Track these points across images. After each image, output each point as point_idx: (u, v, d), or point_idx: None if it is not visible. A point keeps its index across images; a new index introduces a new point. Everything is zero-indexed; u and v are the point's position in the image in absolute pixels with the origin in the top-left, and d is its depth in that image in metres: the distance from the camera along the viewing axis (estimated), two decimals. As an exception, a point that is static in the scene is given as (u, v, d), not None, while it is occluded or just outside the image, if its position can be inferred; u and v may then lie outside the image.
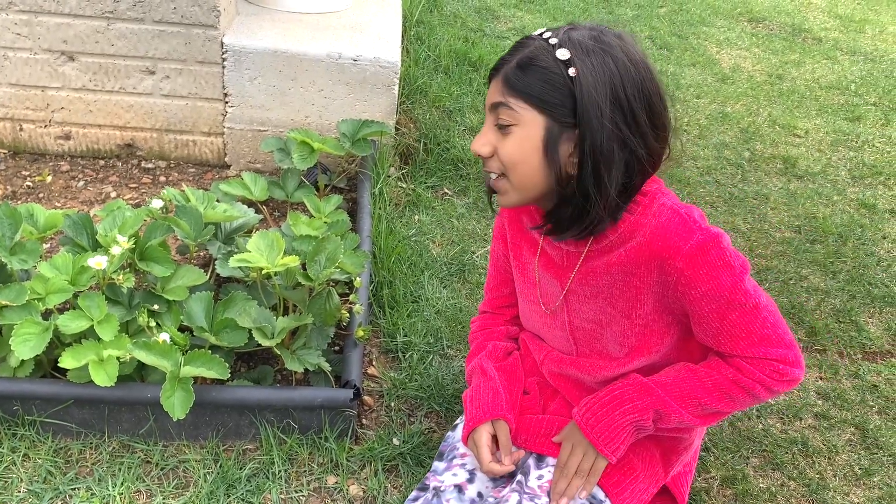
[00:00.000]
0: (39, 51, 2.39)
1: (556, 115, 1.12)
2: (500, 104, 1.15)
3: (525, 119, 1.14)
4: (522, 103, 1.14)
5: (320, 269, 1.73)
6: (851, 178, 3.23)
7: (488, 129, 1.19)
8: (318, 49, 2.45)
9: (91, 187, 2.45)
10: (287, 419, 1.66)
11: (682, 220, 1.17)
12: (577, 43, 1.12)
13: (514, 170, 1.17)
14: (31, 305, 1.60)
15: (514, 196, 1.20)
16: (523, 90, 1.13)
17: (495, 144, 1.18)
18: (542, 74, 1.12)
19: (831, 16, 5.36)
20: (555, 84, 1.11)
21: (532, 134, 1.14)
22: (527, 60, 1.13)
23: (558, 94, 1.12)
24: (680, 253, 1.16)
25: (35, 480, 1.55)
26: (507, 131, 1.16)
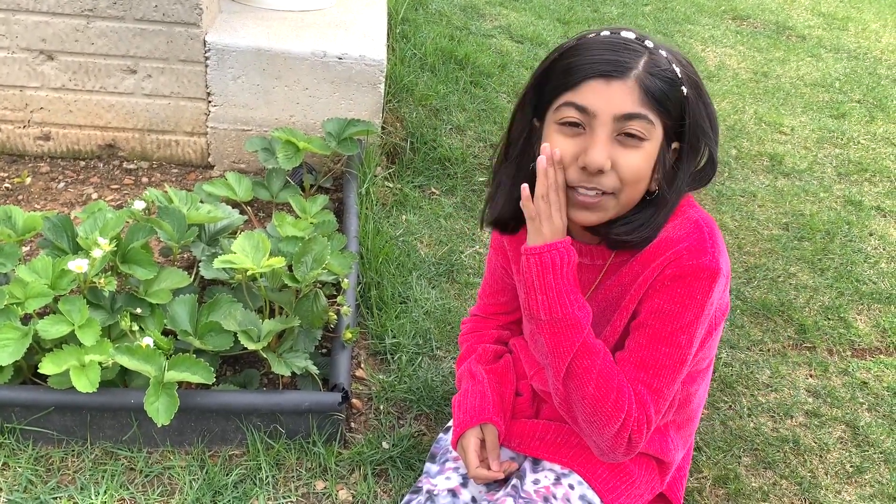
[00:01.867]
0: (17, 50, 2.34)
1: (670, 131, 1.10)
2: (636, 116, 1.06)
3: (655, 133, 1.08)
4: (657, 116, 1.07)
5: (307, 270, 1.70)
6: (837, 175, 3.24)
7: (606, 140, 1.07)
8: (302, 47, 2.42)
9: (72, 189, 2.40)
10: (274, 424, 1.63)
11: (701, 237, 1.14)
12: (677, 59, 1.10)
13: (632, 186, 1.10)
14: (10, 310, 1.56)
15: (612, 212, 1.12)
16: (660, 102, 1.06)
17: (616, 158, 1.07)
18: (673, 90, 1.07)
19: (815, 13, 5.39)
20: (678, 101, 1.08)
21: (655, 149, 1.09)
22: (658, 71, 1.07)
23: (676, 109, 1.09)
24: (679, 262, 1.13)
25: (15, 489, 1.51)
26: (635, 145, 1.07)
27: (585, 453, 1.32)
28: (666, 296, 1.14)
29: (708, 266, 1.12)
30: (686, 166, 1.12)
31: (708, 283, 1.12)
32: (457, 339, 2.04)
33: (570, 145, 1.09)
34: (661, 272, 1.15)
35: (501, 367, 1.44)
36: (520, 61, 3.65)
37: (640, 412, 1.15)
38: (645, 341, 1.16)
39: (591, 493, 1.29)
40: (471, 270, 2.31)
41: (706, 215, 1.20)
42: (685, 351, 1.15)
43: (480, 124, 3.03)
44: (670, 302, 1.13)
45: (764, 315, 2.33)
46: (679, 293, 1.13)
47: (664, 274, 1.14)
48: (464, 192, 2.68)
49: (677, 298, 1.13)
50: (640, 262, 1.19)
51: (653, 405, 1.16)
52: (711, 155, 1.16)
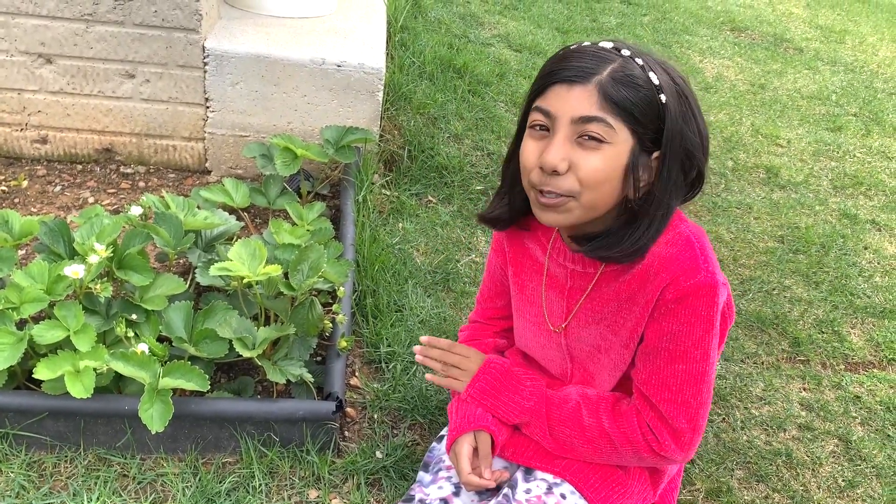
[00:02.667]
0: (16, 53, 2.34)
1: (643, 138, 1.10)
2: (594, 119, 1.07)
3: (618, 138, 1.08)
4: (619, 121, 1.07)
5: (303, 278, 1.70)
6: (833, 189, 3.25)
7: (563, 142, 1.09)
8: (301, 54, 2.42)
9: (68, 192, 2.40)
10: (268, 432, 1.63)
11: (693, 254, 1.15)
12: (657, 66, 1.11)
13: (593, 189, 1.10)
14: (5, 315, 1.55)
15: (576, 215, 1.13)
16: (624, 108, 1.07)
17: (575, 161, 1.09)
18: (643, 96, 1.08)
19: (812, 26, 5.42)
20: (650, 108, 1.08)
21: (621, 154, 1.09)
22: (624, 77, 1.07)
23: (650, 119, 1.09)
24: (677, 285, 1.14)
25: (7, 495, 1.51)
26: (595, 147, 1.08)
27: (578, 463, 1.32)
28: (672, 319, 1.16)
29: (706, 282, 1.13)
30: (667, 176, 1.12)
31: (710, 298, 1.14)
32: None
33: (536, 147, 1.13)
34: (661, 296, 1.16)
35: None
36: (518, 70, 3.66)
37: (659, 427, 1.21)
38: (662, 364, 1.19)
39: (584, 502, 1.29)
40: (467, 279, 2.32)
41: (696, 228, 1.21)
42: (702, 364, 1.18)
43: (478, 133, 3.04)
44: (677, 324, 1.16)
45: (758, 328, 2.34)
46: (684, 314, 1.15)
47: (665, 298, 1.15)
48: (461, 201, 2.68)
49: (684, 320, 1.15)
50: (637, 279, 1.19)
51: (683, 417, 1.20)
52: (699, 168, 1.17)
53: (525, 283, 1.37)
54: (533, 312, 1.37)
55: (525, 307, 1.39)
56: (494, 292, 1.50)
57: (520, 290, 1.39)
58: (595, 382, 1.34)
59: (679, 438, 1.21)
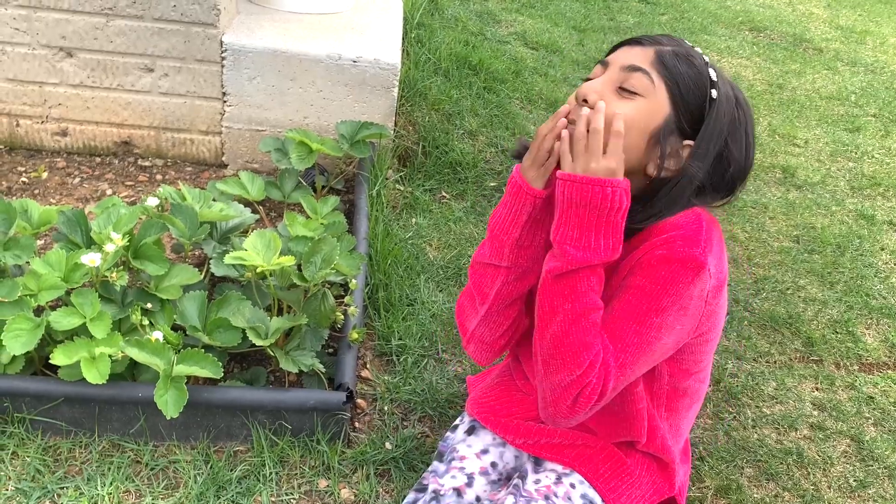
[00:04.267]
0: (38, 46, 2.37)
1: (682, 116, 1.14)
2: (640, 69, 1.13)
3: (656, 98, 1.13)
4: (663, 84, 1.13)
5: (316, 270, 1.72)
6: (850, 189, 3.23)
7: (608, 83, 1.15)
8: (317, 49, 2.44)
9: (87, 184, 2.44)
10: (279, 421, 1.65)
11: (698, 230, 1.16)
12: (720, 74, 1.16)
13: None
14: (23, 301, 1.58)
15: None
16: (673, 74, 1.13)
17: (608, 101, 1.12)
18: (696, 77, 1.13)
19: (832, 26, 5.37)
20: (700, 91, 1.13)
21: (653, 113, 1.13)
22: (686, 55, 1.14)
23: (696, 101, 1.13)
24: (669, 246, 1.14)
25: (23, 478, 1.54)
26: (630, 97, 1.13)
27: (588, 452, 1.33)
28: (649, 275, 1.15)
29: (695, 257, 1.13)
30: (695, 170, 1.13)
31: (692, 274, 1.12)
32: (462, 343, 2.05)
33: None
34: (650, 250, 1.16)
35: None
36: (534, 68, 3.66)
37: (599, 379, 1.14)
38: (618, 314, 1.16)
39: (593, 492, 1.30)
40: (479, 275, 2.32)
41: (711, 216, 1.22)
42: (654, 334, 1.15)
43: (492, 130, 3.04)
44: (652, 282, 1.14)
45: (771, 327, 2.33)
46: (661, 275, 1.13)
47: (653, 253, 1.15)
48: (474, 197, 2.69)
49: (659, 280, 1.13)
50: (637, 240, 1.21)
51: (612, 379, 1.15)
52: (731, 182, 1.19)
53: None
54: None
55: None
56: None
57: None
58: None
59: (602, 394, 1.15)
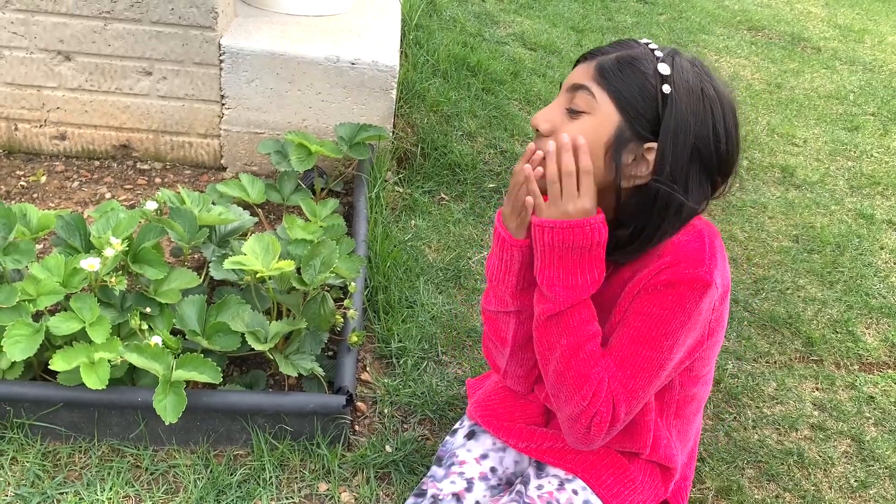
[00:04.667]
0: (36, 50, 2.37)
1: (634, 121, 1.10)
2: (581, 87, 1.12)
3: (601, 111, 1.11)
4: (605, 96, 1.11)
5: (315, 273, 1.72)
6: (849, 188, 3.23)
7: (557, 107, 1.15)
8: (316, 52, 2.44)
9: (86, 188, 2.43)
10: (279, 425, 1.65)
11: (701, 247, 1.14)
12: (680, 64, 1.12)
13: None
14: (22, 307, 1.58)
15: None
16: (612, 84, 1.10)
17: (557, 126, 1.13)
18: (638, 79, 1.10)
19: (830, 25, 5.37)
20: (646, 92, 1.10)
21: (601, 128, 1.11)
22: (628, 59, 1.11)
23: (645, 103, 1.10)
24: (673, 269, 1.13)
25: (23, 484, 1.53)
26: (577, 117, 1.12)
27: (591, 458, 1.32)
28: (656, 300, 1.14)
29: (702, 277, 1.12)
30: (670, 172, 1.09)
31: (699, 293, 1.12)
32: (463, 344, 2.05)
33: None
34: (655, 275, 1.15)
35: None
36: (533, 69, 3.66)
37: (607, 406, 1.15)
38: (628, 341, 1.16)
39: (595, 498, 1.29)
40: (478, 276, 2.32)
41: (711, 227, 1.20)
42: (666, 356, 1.15)
43: (491, 131, 3.04)
44: (659, 307, 1.14)
45: (771, 327, 2.32)
46: (669, 299, 1.13)
47: (658, 278, 1.14)
48: (473, 199, 2.69)
49: (666, 304, 1.13)
50: (641, 261, 1.19)
51: (624, 404, 1.16)
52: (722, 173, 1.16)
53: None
54: None
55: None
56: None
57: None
58: None
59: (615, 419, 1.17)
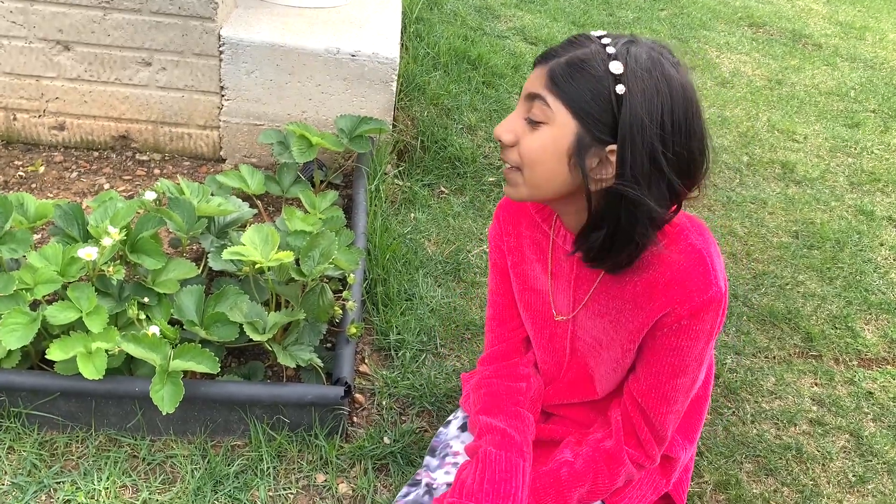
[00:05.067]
0: (35, 39, 2.36)
1: (591, 126, 1.06)
2: (536, 97, 1.09)
3: (558, 120, 1.07)
4: (560, 104, 1.07)
5: (314, 264, 1.71)
6: (850, 185, 3.22)
7: (517, 116, 1.12)
8: (316, 43, 2.43)
9: (84, 178, 2.43)
10: (277, 415, 1.64)
11: (705, 268, 1.13)
12: (634, 59, 1.05)
13: (531, 168, 1.10)
14: (19, 296, 1.57)
15: (524, 191, 1.14)
16: (565, 91, 1.06)
17: (520, 136, 1.11)
18: (590, 82, 1.05)
19: (832, 22, 5.36)
20: (600, 96, 1.05)
21: (560, 137, 1.07)
22: (578, 62, 1.06)
23: (599, 107, 1.05)
24: (691, 301, 1.12)
25: (19, 473, 1.53)
26: (535, 128, 1.09)
27: None
28: (681, 335, 1.16)
29: (714, 297, 1.13)
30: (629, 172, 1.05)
31: (715, 312, 1.15)
32: (461, 337, 2.04)
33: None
34: (672, 311, 1.14)
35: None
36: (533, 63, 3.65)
37: (648, 439, 1.23)
38: (665, 378, 1.20)
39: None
40: (477, 270, 2.32)
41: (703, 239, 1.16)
42: (696, 374, 1.20)
43: (491, 124, 3.03)
44: (685, 339, 1.16)
45: (770, 322, 2.32)
46: (695, 329, 1.15)
47: (677, 315, 1.14)
48: (473, 192, 2.68)
49: (691, 334, 1.16)
50: (645, 285, 1.16)
51: (672, 426, 1.23)
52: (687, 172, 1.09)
53: (527, 273, 1.34)
54: (537, 301, 1.35)
55: (531, 296, 1.36)
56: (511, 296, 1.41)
57: (522, 280, 1.36)
58: (594, 378, 1.32)
59: (661, 444, 1.24)
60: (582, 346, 1.31)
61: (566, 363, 1.35)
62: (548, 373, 1.39)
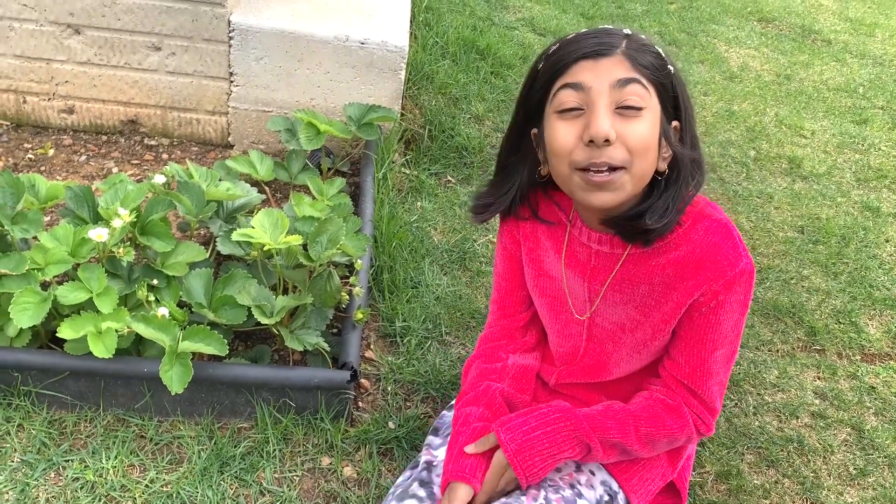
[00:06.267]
0: (45, 23, 2.37)
1: (667, 104, 1.11)
2: (632, 80, 1.06)
3: (652, 102, 1.08)
4: (650, 85, 1.08)
5: (322, 249, 1.72)
6: (856, 181, 3.22)
7: (607, 111, 1.06)
8: (325, 31, 2.43)
9: (93, 162, 2.44)
10: (283, 398, 1.66)
11: (733, 241, 1.15)
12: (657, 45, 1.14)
13: (643, 157, 1.08)
14: (31, 275, 1.59)
15: (629, 189, 1.10)
16: (651, 70, 1.08)
17: (619, 129, 1.06)
18: (660, 63, 1.09)
19: (842, 18, 5.34)
20: (665, 73, 1.10)
21: (656, 119, 1.09)
22: (641, 46, 1.09)
23: (667, 86, 1.11)
24: (725, 276, 1.15)
25: (29, 451, 1.55)
26: (635, 115, 1.06)
27: None
28: (717, 311, 1.18)
29: (745, 268, 1.15)
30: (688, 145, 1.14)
31: (748, 283, 1.17)
32: (466, 325, 2.05)
33: (574, 127, 1.09)
34: (707, 290, 1.16)
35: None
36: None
37: (703, 412, 1.25)
38: (706, 354, 1.22)
39: (610, 477, 1.31)
40: (483, 259, 2.33)
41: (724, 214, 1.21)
42: (735, 345, 1.24)
43: (499, 115, 3.04)
44: (723, 312, 1.18)
45: (774, 316, 2.33)
46: (727, 303, 1.17)
47: (714, 291, 1.16)
48: (479, 181, 2.69)
49: (728, 308, 1.18)
50: (676, 265, 1.17)
51: (720, 397, 1.26)
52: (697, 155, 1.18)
53: (542, 259, 1.34)
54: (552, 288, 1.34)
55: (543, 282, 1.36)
56: (515, 284, 1.41)
57: (537, 266, 1.35)
58: (610, 361, 1.32)
59: (715, 416, 1.27)
60: (600, 332, 1.31)
61: (583, 349, 1.35)
62: (563, 357, 1.39)
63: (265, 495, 1.55)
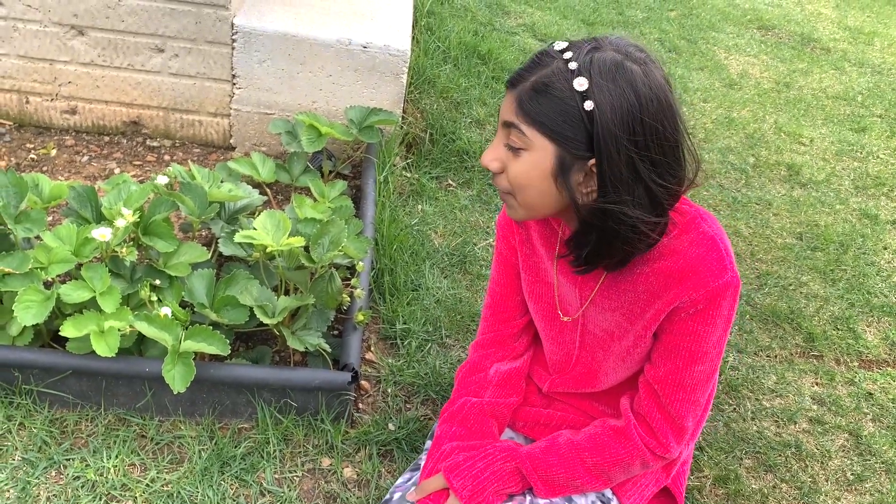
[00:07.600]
0: (49, 24, 2.38)
1: (569, 146, 1.07)
2: (511, 125, 1.10)
3: (536, 145, 1.08)
4: (534, 130, 1.08)
5: (323, 251, 1.73)
6: (855, 188, 3.24)
7: (499, 143, 1.13)
8: (328, 34, 2.45)
9: (95, 163, 2.45)
10: (284, 399, 1.66)
11: (719, 254, 1.14)
12: (598, 70, 1.05)
13: (521, 192, 1.13)
14: (34, 274, 1.59)
15: (521, 213, 1.17)
16: (535, 118, 1.07)
17: (505, 162, 1.12)
18: (557, 104, 1.05)
19: (840, 27, 5.36)
20: (569, 116, 1.05)
21: (542, 161, 1.09)
22: (542, 86, 1.06)
23: (572, 126, 1.06)
24: (706, 287, 1.14)
25: (30, 449, 1.55)
26: (517, 154, 1.10)
27: None
28: (698, 320, 1.17)
29: (730, 282, 1.14)
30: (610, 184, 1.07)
31: (732, 297, 1.16)
32: (466, 328, 2.06)
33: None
34: (689, 299, 1.15)
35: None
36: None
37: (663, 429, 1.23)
38: (682, 364, 1.20)
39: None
40: (483, 262, 2.34)
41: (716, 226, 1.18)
42: (716, 362, 1.21)
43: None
44: (702, 324, 1.17)
45: (773, 322, 2.34)
46: (709, 315, 1.16)
47: (694, 300, 1.15)
48: (480, 185, 2.70)
49: (708, 320, 1.17)
50: (659, 275, 1.18)
51: (691, 416, 1.23)
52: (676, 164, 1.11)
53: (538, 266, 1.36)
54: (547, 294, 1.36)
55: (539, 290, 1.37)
56: (511, 290, 1.43)
57: (533, 273, 1.37)
58: (600, 370, 1.33)
59: (681, 436, 1.24)
60: (591, 339, 1.32)
61: (575, 356, 1.36)
62: (556, 364, 1.40)
63: (265, 495, 1.55)
